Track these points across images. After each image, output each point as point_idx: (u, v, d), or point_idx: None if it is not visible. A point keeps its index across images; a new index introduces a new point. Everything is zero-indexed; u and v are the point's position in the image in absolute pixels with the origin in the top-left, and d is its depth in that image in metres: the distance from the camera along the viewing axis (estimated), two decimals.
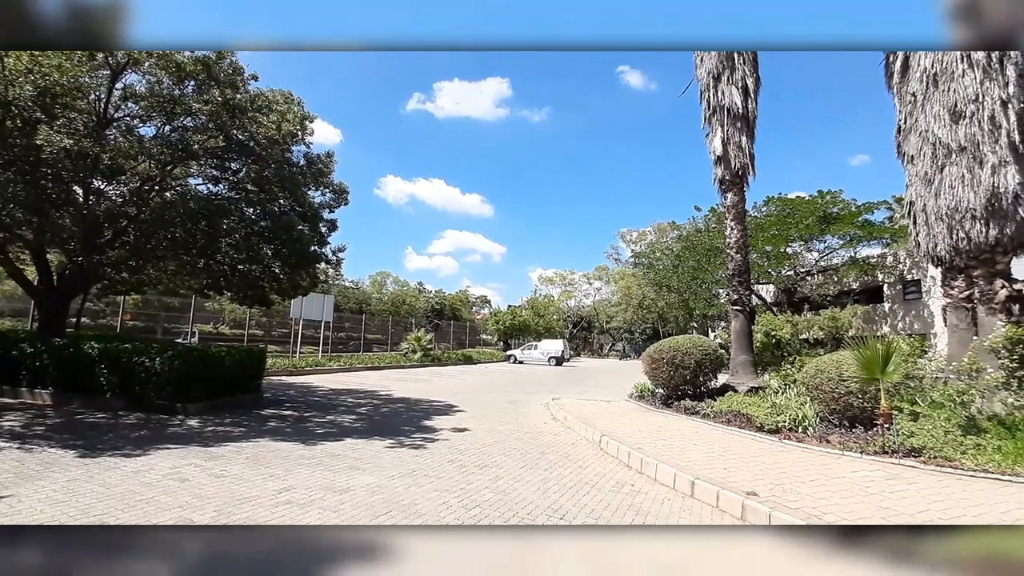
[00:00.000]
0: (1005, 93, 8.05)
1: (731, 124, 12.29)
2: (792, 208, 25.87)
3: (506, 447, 7.69)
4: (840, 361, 7.89)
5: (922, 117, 9.06)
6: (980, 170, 8.05)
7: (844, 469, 6.21)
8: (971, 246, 8.29)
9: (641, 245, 46.19)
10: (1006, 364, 7.30)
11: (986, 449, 6.31)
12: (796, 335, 20.96)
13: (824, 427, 7.85)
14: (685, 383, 10.82)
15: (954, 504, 4.93)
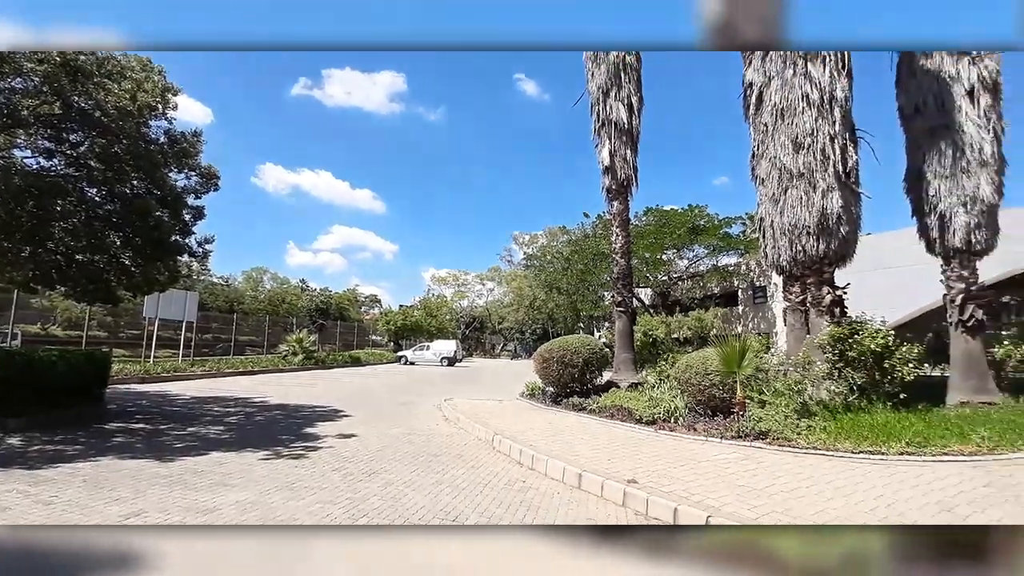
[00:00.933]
0: (833, 130, 9.60)
1: (618, 138, 13.19)
2: (667, 219, 28.52)
3: (397, 451, 7.44)
4: (705, 358, 8.80)
5: (772, 145, 10.46)
6: (814, 194, 9.52)
7: (708, 453, 6.93)
8: (806, 258, 9.76)
9: (533, 248, 47.65)
10: (830, 358, 8.70)
11: (815, 429, 7.43)
12: (669, 334, 23.09)
13: (692, 417, 8.68)
14: (574, 381, 11.35)
15: (792, 478, 5.73)
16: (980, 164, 9.85)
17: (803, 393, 8.29)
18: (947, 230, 9.98)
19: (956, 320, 9.78)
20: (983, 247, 9.87)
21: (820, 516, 4.59)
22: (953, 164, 9.95)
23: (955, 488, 5.39)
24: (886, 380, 8.49)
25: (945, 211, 9.98)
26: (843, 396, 8.37)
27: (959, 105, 10.21)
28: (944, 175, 10.04)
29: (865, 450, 6.73)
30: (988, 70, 10.12)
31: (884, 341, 8.48)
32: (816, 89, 9.69)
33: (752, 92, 11.27)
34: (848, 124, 9.84)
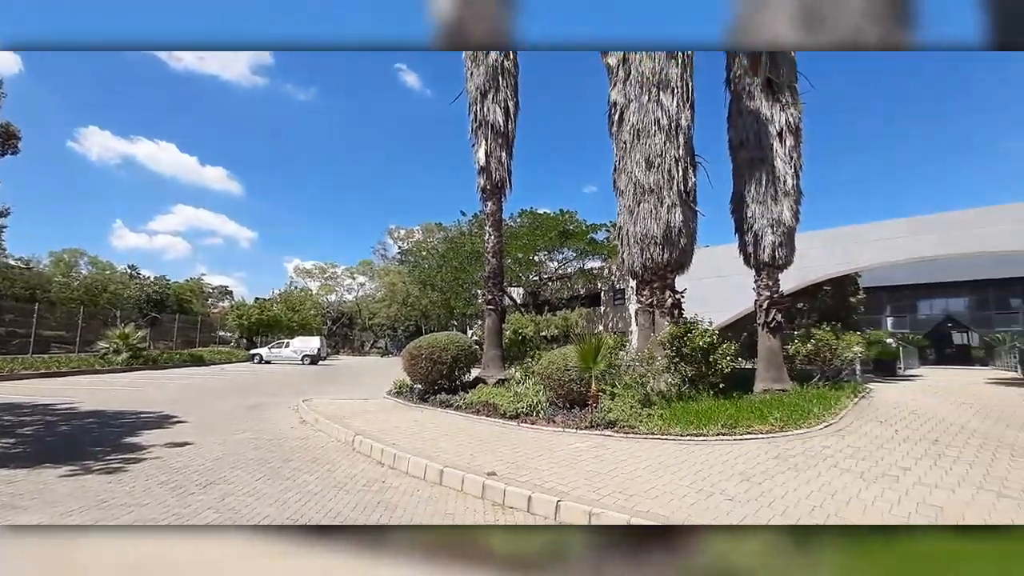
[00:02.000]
0: (678, 153, 10.93)
1: (494, 139, 13.52)
2: (540, 222, 29.93)
3: (240, 459, 6.78)
4: (566, 354, 9.43)
5: (629, 161, 11.58)
6: (661, 208, 10.75)
7: (564, 444, 7.44)
8: (653, 264, 10.98)
9: (409, 243, 46.68)
10: (668, 354, 9.90)
11: (654, 417, 8.39)
12: (538, 332, 24.27)
13: (553, 410, 9.23)
14: (442, 378, 11.38)
15: (632, 461, 6.40)
16: (784, 194, 11.97)
17: (646, 385, 9.31)
18: (759, 247, 11.97)
19: (762, 322, 11.79)
20: (783, 262, 12.02)
21: (650, 491, 5.20)
22: (765, 192, 11.96)
23: (754, 460, 6.48)
24: (711, 372, 9.91)
25: (758, 231, 11.96)
26: (677, 387, 9.58)
27: (772, 143, 12.28)
28: (759, 200, 12.02)
29: (691, 433, 7.78)
30: (793, 117, 12.33)
31: (711, 339, 9.89)
32: (665, 116, 10.95)
33: (615, 111, 12.34)
34: (689, 149, 11.28)
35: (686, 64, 11.37)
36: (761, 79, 12.46)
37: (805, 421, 8.37)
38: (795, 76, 12.70)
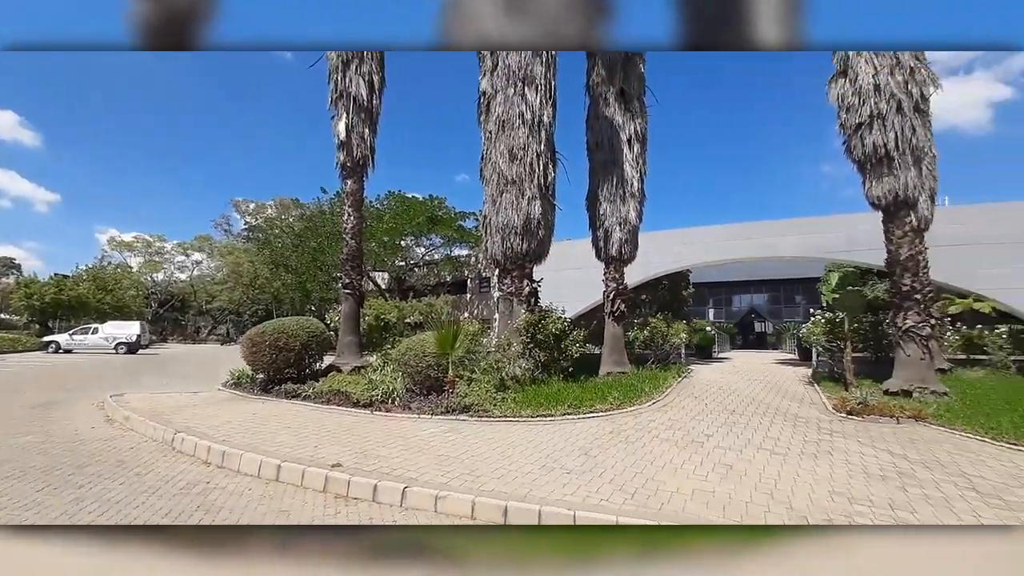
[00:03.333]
0: (539, 148, 11.41)
1: (356, 113, 12.76)
2: (408, 206, 29.16)
3: (18, 467, 5.55)
4: (424, 340, 9.35)
5: (495, 151, 11.78)
6: (522, 200, 11.15)
7: (418, 429, 7.38)
8: (513, 254, 11.37)
9: (260, 219, 42.01)
10: (524, 340, 10.36)
11: (508, 401, 8.74)
12: (402, 318, 23.71)
13: (409, 397, 9.10)
14: (289, 366, 10.53)
15: (483, 443, 6.59)
16: (631, 195, 13.23)
17: (502, 370, 9.65)
18: (608, 242, 13.11)
19: (609, 311, 12.98)
20: (628, 257, 13.33)
21: (497, 471, 5.41)
22: (615, 192, 13.10)
23: (593, 436, 7.10)
24: (562, 357, 10.61)
25: (608, 228, 13.08)
26: (531, 371, 10.10)
27: (622, 148, 13.46)
28: (610, 200, 13.13)
29: (541, 414, 8.26)
30: (640, 126, 13.64)
31: (562, 326, 10.57)
32: (529, 110, 11.35)
33: (484, 100, 12.44)
34: (551, 145, 11.85)
35: (550, 63, 11.88)
36: (616, 88, 13.55)
37: (638, 399, 9.41)
38: (643, 89, 14.04)
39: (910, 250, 10.18)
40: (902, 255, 10.21)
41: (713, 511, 4.43)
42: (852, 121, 10.60)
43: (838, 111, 11.02)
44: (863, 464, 5.83)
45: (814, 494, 4.85)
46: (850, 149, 10.79)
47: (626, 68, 13.63)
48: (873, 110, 10.23)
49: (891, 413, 8.14)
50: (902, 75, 10.17)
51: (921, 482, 5.20)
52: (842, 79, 10.92)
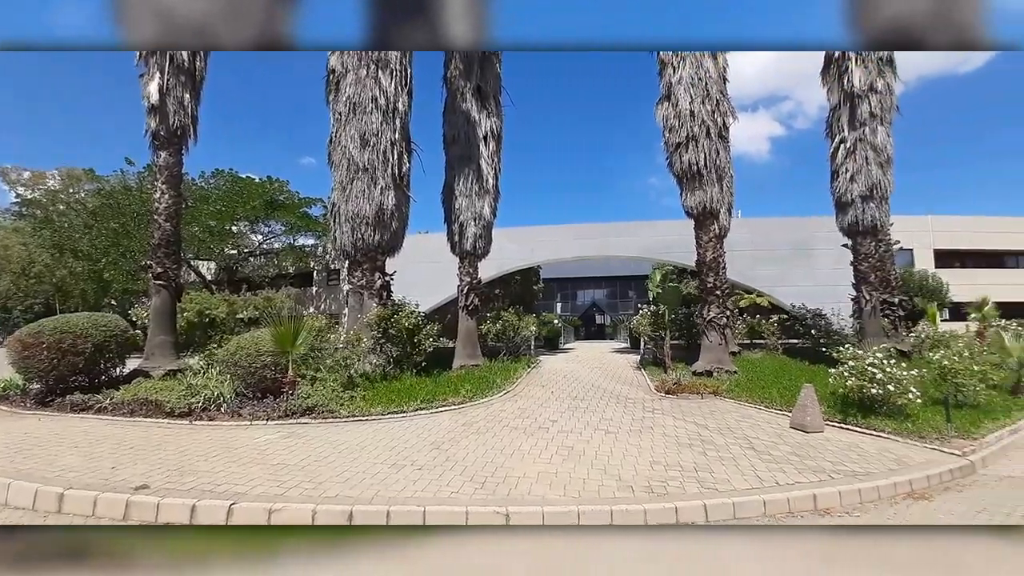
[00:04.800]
0: (394, 136, 11.00)
1: (175, 75, 10.86)
2: (242, 187, 25.92)
3: None
4: (258, 338, 8.39)
5: (345, 135, 11.04)
6: (374, 189, 10.65)
7: (249, 437, 6.61)
8: (364, 245, 10.82)
9: (39, 192, 33.57)
10: (375, 335, 9.94)
11: (356, 399, 8.30)
12: (233, 314, 21.05)
13: (240, 401, 8.09)
14: (77, 372, 8.59)
15: (328, 446, 6.15)
16: (486, 192, 13.52)
17: (351, 367, 9.12)
18: (463, 237, 13.22)
19: (463, 305, 13.12)
20: (482, 252, 13.61)
21: (343, 474, 5.09)
22: (471, 188, 13.26)
23: (446, 429, 7.10)
24: (415, 352, 10.42)
25: (463, 222, 13.19)
26: (382, 367, 9.73)
27: (479, 145, 13.67)
28: (466, 195, 13.24)
29: (392, 411, 8.00)
30: (495, 124, 13.99)
31: (416, 320, 10.38)
32: (383, 95, 10.87)
33: (333, 78, 11.57)
34: (406, 135, 11.51)
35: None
36: (473, 84, 13.69)
37: (490, 391, 9.66)
38: (500, 87, 14.42)
39: (713, 253, 12.09)
40: (708, 257, 12.08)
41: (555, 490, 4.73)
42: (673, 140, 12.20)
43: (663, 130, 12.59)
44: (676, 435, 6.76)
45: (638, 465, 5.48)
46: (671, 164, 12.41)
47: (483, 65, 13.85)
48: (689, 132, 11.89)
49: (697, 390, 9.61)
50: (711, 105, 12.00)
51: (717, 446, 6.21)
52: (666, 103, 12.48)
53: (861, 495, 4.81)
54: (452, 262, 13.96)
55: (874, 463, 5.56)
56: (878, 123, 12.80)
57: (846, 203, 13.13)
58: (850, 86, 12.95)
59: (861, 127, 12.86)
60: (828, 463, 5.54)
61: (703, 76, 11.97)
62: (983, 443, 6.43)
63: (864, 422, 7.05)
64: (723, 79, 12.37)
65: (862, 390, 7.37)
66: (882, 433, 6.72)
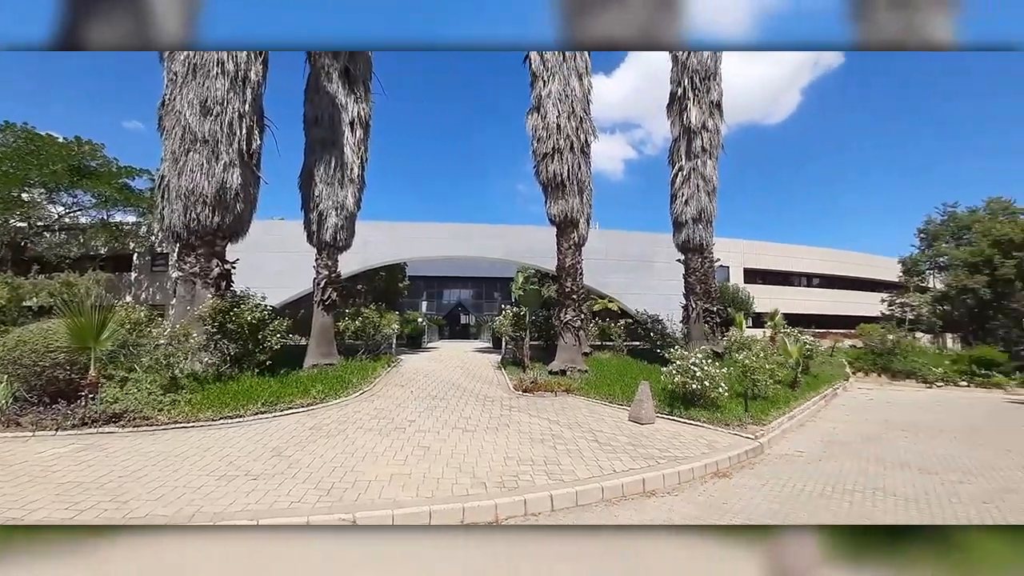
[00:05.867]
0: (243, 108, 9.81)
1: None
2: (39, 146, 21.09)
3: None
4: (49, 331, 6.86)
5: (181, 99, 9.57)
6: (216, 164, 9.37)
7: (31, 452, 5.38)
8: (200, 227, 9.47)
9: None
10: (209, 330, 8.75)
11: (180, 403, 7.21)
12: (18, 301, 17.02)
13: (20, 408, 6.52)
14: None
15: (141, 459, 5.24)
16: (350, 181, 12.75)
17: (175, 367, 7.90)
18: (323, 227, 12.29)
19: (319, 300, 12.19)
20: (344, 244, 12.80)
21: (157, 491, 4.36)
22: (333, 175, 12.39)
23: (291, 434, 6.50)
24: (258, 349, 9.40)
25: (323, 211, 12.26)
26: (216, 367, 8.60)
27: (344, 130, 12.85)
28: (327, 182, 12.34)
29: (226, 416, 7.11)
30: (364, 111, 13.29)
31: (261, 315, 9.37)
32: (232, 61, 9.64)
33: None
34: (258, 109, 10.36)
35: None
36: (340, 65, 12.85)
37: (345, 391, 9.12)
38: (370, 73, 13.74)
39: (572, 260, 12.94)
40: (567, 263, 12.89)
41: (408, 492, 4.61)
42: (541, 150, 12.79)
43: (531, 140, 13.14)
44: (530, 431, 7.06)
45: (492, 461, 5.60)
46: (538, 173, 13.00)
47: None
48: (556, 145, 12.58)
49: (552, 389, 10.17)
50: (575, 122, 12.83)
51: (566, 440, 6.62)
52: (536, 114, 13.05)
53: (680, 477, 5.50)
54: (309, 253, 12.93)
55: (692, 448, 6.41)
56: (708, 157, 14.88)
57: (681, 223, 15.03)
58: (688, 122, 14.87)
59: (695, 158, 14.84)
60: (656, 450, 6.23)
61: (570, 93, 12.76)
62: (769, 428, 7.80)
63: (686, 413, 8.09)
64: (587, 99, 13.32)
65: (685, 386, 8.46)
66: (699, 422, 7.78)
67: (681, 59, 15.16)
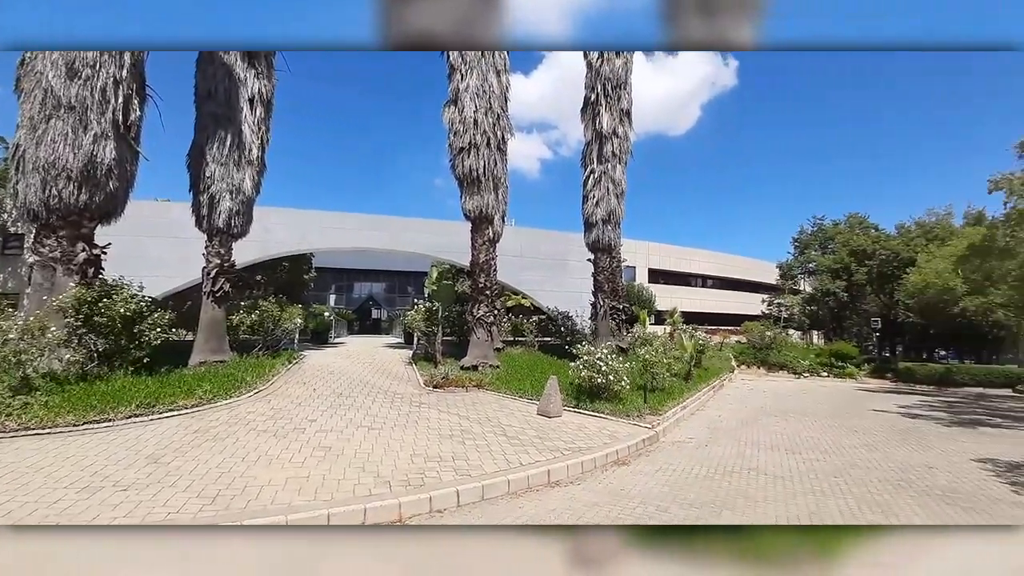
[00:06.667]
0: (121, 74, 8.65)
1: None
2: None
3: None
4: None
5: (44, 59, 8.26)
6: (85, 134, 8.19)
7: None
8: (65, 206, 8.23)
9: None
10: (72, 323, 7.65)
11: (33, 406, 6.25)
12: None
13: None
14: None
15: None
16: (248, 162, 11.72)
17: (28, 365, 6.81)
18: (215, 210, 11.18)
19: (209, 290, 11.09)
20: (239, 231, 11.74)
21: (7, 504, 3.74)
22: (229, 155, 11.31)
23: (170, 439, 5.88)
24: (133, 345, 8.38)
25: (216, 193, 11.15)
26: (81, 365, 7.54)
27: (242, 107, 11.80)
28: (221, 161, 11.23)
29: (91, 420, 6.29)
30: (266, 88, 12.30)
31: (137, 306, 8.36)
32: None
33: None
34: (139, 76, 9.19)
35: None
36: None
37: (237, 390, 8.42)
38: (274, 51, 12.74)
39: (486, 256, 12.98)
40: (481, 259, 12.90)
41: (305, 496, 4.36)
42: (457, 144, 12.67)
43: (448, 133, 12.97)
44: (439, 427, 6.98)
45: (398, 460, 5.46)
46: (454, 167, 12.87)
47: None
48: (472, 139, 12.52)
49: (463, 384, 10.14)
50: (492, 118, 12.85)
51: (475, 435, 6.63)
52: (453, 107, 12.90)
53: (583, 466, 5.73)
54: (200, 239, 11.76)
55: (595, 439, 6.70)
56: (618, 161, 15.63)
57: (592, 224, 15.66)
58: (600, 127, 15.51)
59: (606, 162, 15.52)
60: (562, 442, 6.44)
61: (488, 89, 12.77)
62: (665, 418, 8.39)
63: (591, 406, 8.46)
64: (505, 97, 13.40)
65: (591, 380, 8.83)
66: (603, 414, 8.16)
67: (595, 66, 15.75)
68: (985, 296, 16.65)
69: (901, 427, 9.31)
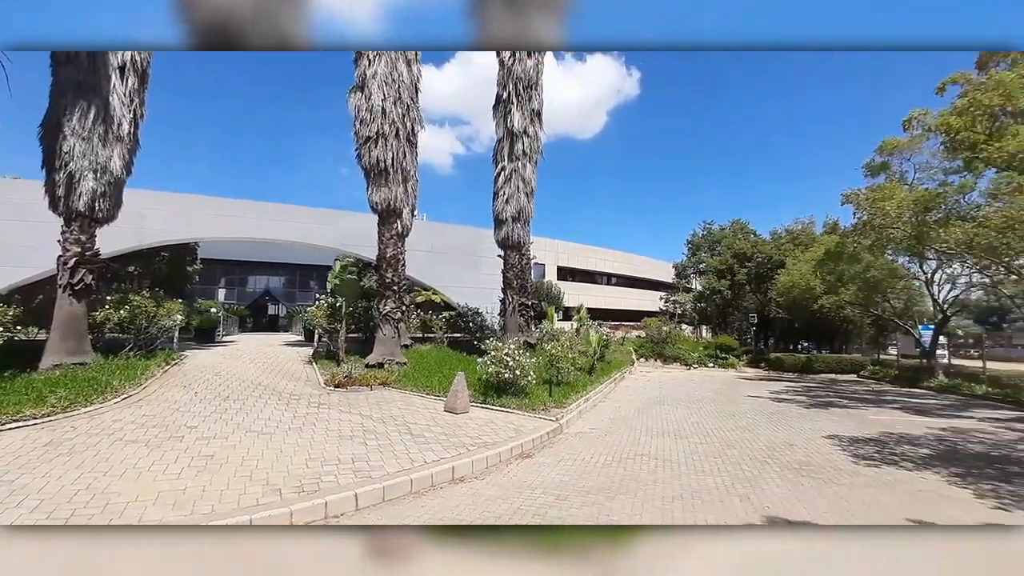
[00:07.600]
0: None
1: None
2: None
3: None
4: None
5: None
6: None
7: None
8: None
9: None
10: None
11: None
12: None
13: None
14: None
15: None
16: (117, 139, 10.31)
17: None
18: (74, 191, 9.68)
19: (66, 283, 9.58)
20: (106, 216, 10.29)
21: None
22: (93, 128, 9.86)
23: (14, 454, 5.03)
24: None
25: (75, 172, 9.65)
26: None
27: (110, 76, 10.35)
28: (83, 135, 9.75)
29: None
30: (141, 57, 10.89)
31: None
32: None
33: None
34: None
35: None
36: None
37: (100, 396, 7.41)
38: None
39: (394, 250, 12.59)
40: (388, 253, 12.49)
41: (180, 511, 3.93)
42: (364, 133, 12.14)
43: (354, 121, 12.37)
44: (339, 429, 6.65)
45: (292, 465, 5.11)
46: (360, 157, 12.33)
47: None
48: (380, 129, 12.05)
49: (368, 382, 9.77)
50: (402, 108, 12.46)
51: (377, 435, 6.41)
52: (360, 93, 12.33)
53: (487, 461, 5.76)
54: (55, 223, 10.15)
55: (501, 434, 6.77)
56: (528, 160, 15.92)
57: (502, 221, 15.82)
58: (512, 125, 15.69)
59: (517, 160, 15.73)
60: (468, 438, 6.43)
61: (397, 78, 12.37)
62: (569, 410, 8.70)
63: (499, 401, 8.54)
64: (416, 87, 13.07)
65: (499, 375, 8.92)
66: (510, 409, 8.28)
67: (507, 64, 15.89)
68: (837, 295, 19.24)
69: (770, 410, 10.48)
